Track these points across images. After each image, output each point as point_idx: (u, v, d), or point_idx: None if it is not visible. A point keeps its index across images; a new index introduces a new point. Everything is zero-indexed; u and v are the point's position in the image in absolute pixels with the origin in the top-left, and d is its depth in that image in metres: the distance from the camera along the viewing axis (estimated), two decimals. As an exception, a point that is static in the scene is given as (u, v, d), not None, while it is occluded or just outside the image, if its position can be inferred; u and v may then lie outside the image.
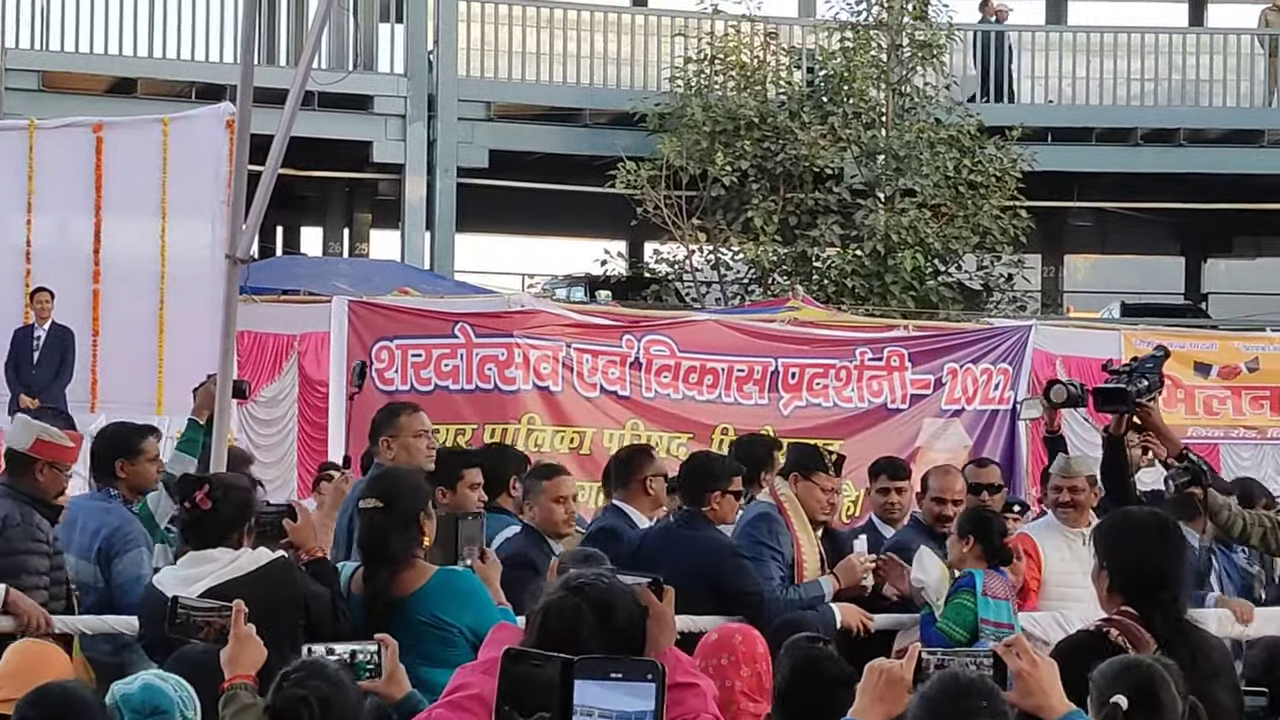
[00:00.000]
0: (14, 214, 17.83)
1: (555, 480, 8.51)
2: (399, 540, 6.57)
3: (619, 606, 4.40)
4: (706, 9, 27.90)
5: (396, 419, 8.60)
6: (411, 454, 8.45)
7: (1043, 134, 28.74)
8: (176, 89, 26.71)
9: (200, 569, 6.24)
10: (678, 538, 8.48)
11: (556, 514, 8.39)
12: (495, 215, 30.47)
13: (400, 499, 6.66)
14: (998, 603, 8.40)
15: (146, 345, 17.17)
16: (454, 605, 6.50)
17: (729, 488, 8.63)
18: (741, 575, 8.38)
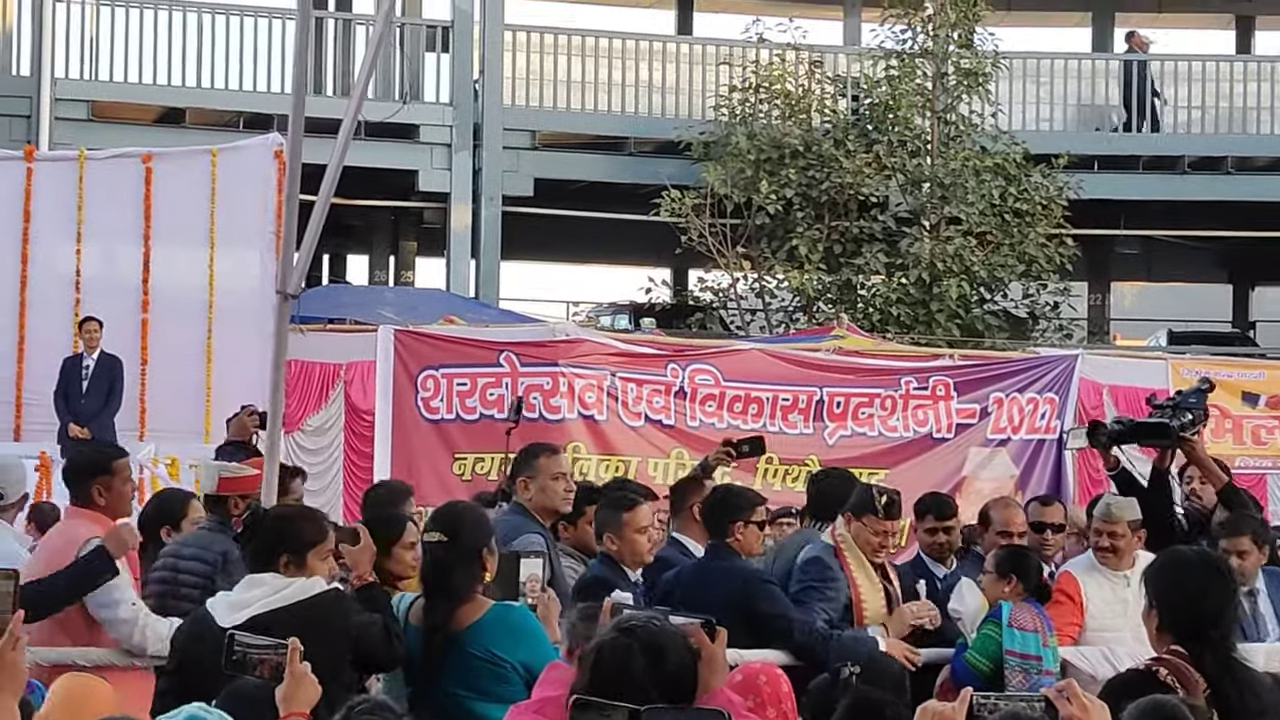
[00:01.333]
0: (64, 243, 17.95)
1: (635, 511, 8.50)
2: (461, 574, 6.56)
3: (670, 649, 4.40)
4: (751, 37, 27.93)
5: (535, 460, 8.54)
6: (548, 496, 8.45)
7: (1089, 162, 28.68)
8: (224, 119, 26.87)
9: (249, 594, 6.25)
10: (708, 571, 8.50)
11: (640, 545, 8.41)
12: (540, 243, 30.55)
13: (464, 533, 6.65)
14: (1024, 634, 8.32)
15: (194, 374, 17.26)
16: (509, 641, 6.49)
17: (751, 518, 8.60)
18: (769, 600, 8.37)
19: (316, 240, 6.96)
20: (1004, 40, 27.70)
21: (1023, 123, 28.73)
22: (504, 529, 8.21)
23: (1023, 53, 29.56)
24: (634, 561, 8.40)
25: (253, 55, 27.15)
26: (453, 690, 6.51)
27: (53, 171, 18.28)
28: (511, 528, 8.21)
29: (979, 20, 27.06)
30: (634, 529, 8.41)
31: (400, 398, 17.42)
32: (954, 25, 26.73)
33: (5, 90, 26.19)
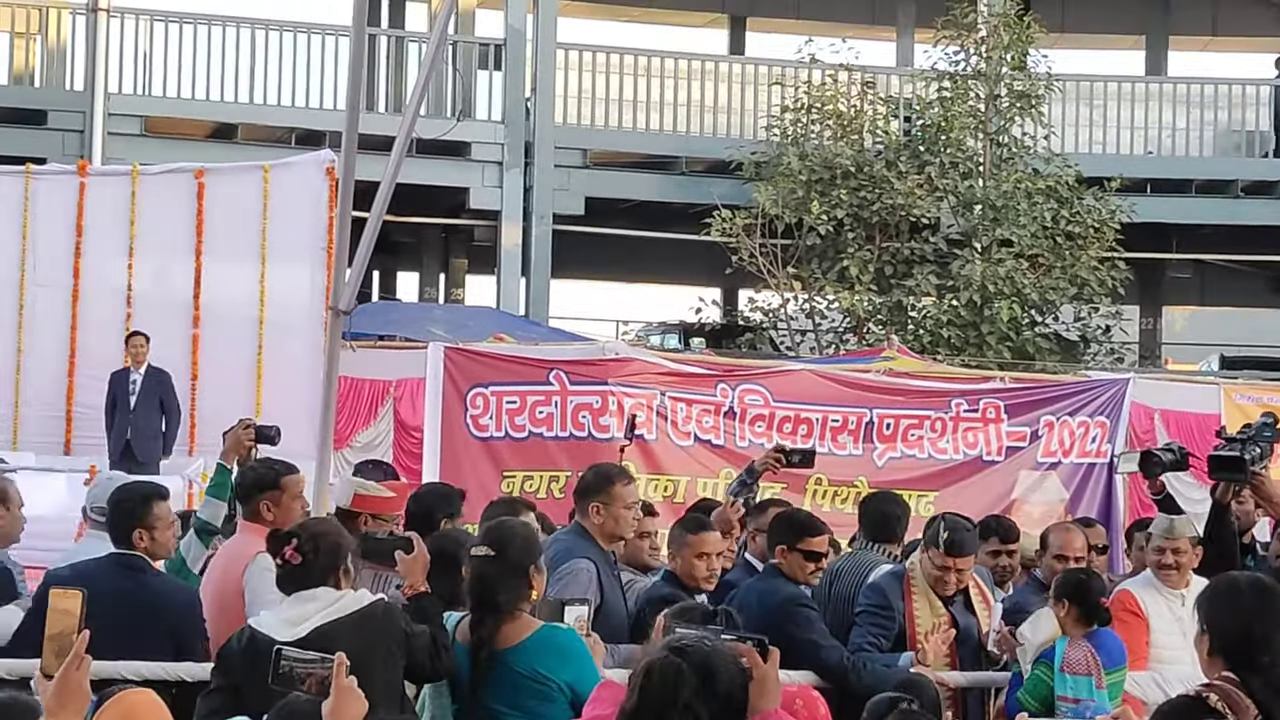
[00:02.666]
0: (116, 258, 18.02)
1: (700, 536, 8.51)
2: (507, 590, 6.53)
3: (721, 669, 4.37)
4: (804, 58, 27.90)
5: (611, 487, 8.42)
6: (619, 524, 8.40)
7: (1142, 185, 28.57)
8: (276, 135, 26.98)
9: (304, 609, 6.24)
10: (754, 591, 8.54)
11: (698, 570, 8.42)
12: (590, 262, 30.58)
13: (511, 549, 6.63)
14: (1076, 678, 8.20)
15: (245, 390, 17.28)
16: (554, 660, 6.47)
17: (796, 545, 8.56)
18: (799, 624, 8.34)
19: (369, 257, 6.95)
20: (1057, 62, 27.62)
21: (1075, 145, 28.64)
22: (556, 549, 8.23)
23: (1076, 75, 29.47)
24: (693, 584, 8.39)
25: (305, 71, 27.24)
26: (496, 707, 6.49)
27: (106, 186, 18.35)
28: (565, 549, 8.19)
29: (1032, 42, 26.99)
30: (694, 552, 8.41)
31: (449, 415, 17.43)
32: (1007, 47, 26.68)
33: (59, 105, 26.34)
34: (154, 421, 17.07)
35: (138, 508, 7.69)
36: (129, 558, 7.60)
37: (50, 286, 17.89)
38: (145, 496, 7.84)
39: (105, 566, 7.67)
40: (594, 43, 29.76)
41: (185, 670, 7.01)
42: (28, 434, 17.17)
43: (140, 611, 7.31)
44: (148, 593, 7.47)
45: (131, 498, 7.81)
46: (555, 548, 8.28)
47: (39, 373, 17.71)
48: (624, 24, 35.70)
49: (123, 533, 7.65)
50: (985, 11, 27.12)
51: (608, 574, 8.20)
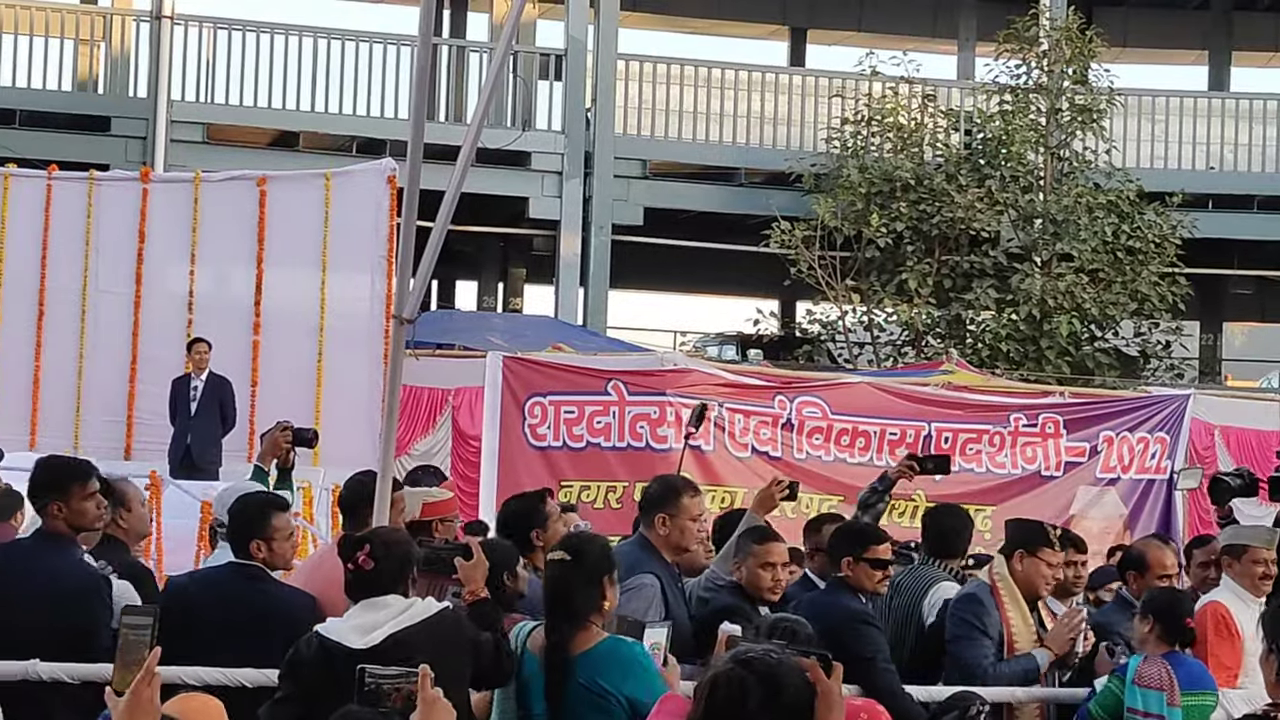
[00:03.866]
0: (177, 264, 18.09)
1: (766, 546, 8.41)
2: (582, 597, 6.53)
3: (787, 683, 4.35)
4: (865, 70, 27.85)
5: (680, 499, 8.31)
6: (685, 536, 8.29)
7: (1203, 201, 28.43)
8: (338, 143, 27.09)
9: (375, 616, 6.25)
10: (817, 604, 8.44)
11: (763, 580, 8.32)
12: (649, 272, 30.60)
13: (587, 557, 6.63)
14: (1147, 691, 8.13)
15: (304, 397, 17.29)
16: (617, 673, 6.44)
17: (864, 555, 8.46)
18: (859, 640, 8.18)
19: (433, 266, 6.96)
20: (1119, 77, 27.52)
21: (1137, 160, 28.51)
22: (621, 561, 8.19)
23: (1138, 89, 29.34)
24: (758, 595, 8.34)
25: (366, 80, 27.33)
26: (556, 717, 6.49)
27: (168, 193, 18.43)
28: (629, 563, 8.07)
29: (1094, 56, 26.92)
30: (759, 563, 8.34)
31: (507, 424, 17.48)
32: (1069, 61, 26.60)
33: (122, 111, 26.51)
34: (214, 428, 17.09)
35: (255, 519, 7.71)
36: (248, 567, 7.62)
37: (112, 292, 17.97)
38: (262, 507, 7.84)
39: (225, 575, 7.71)
40: (654, 53, 29.78)
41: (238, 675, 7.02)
42: (88, 439, 17.23)
43: (258, 620, 7.33)
44: (266, 601, 7.48)
45: (249, 509, 7.83)
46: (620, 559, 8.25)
47: (100, 378, 17.79)
48: (684, 35, 35.75)
49: (241, 543, 7.68)
50: (1047, 25, 27.05)
51: (672, 589, 8.14)
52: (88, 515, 7.72)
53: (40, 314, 17.89)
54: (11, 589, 7.47)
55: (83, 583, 7.53)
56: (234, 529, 7.74)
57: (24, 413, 17.40)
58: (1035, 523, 9.05)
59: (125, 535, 8.75)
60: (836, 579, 8.51)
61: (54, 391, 17.73)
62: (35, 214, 17.98)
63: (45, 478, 7.80)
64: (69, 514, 7.65)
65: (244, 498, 8.01)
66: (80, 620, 7.44)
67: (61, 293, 17.92)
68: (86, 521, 7.74)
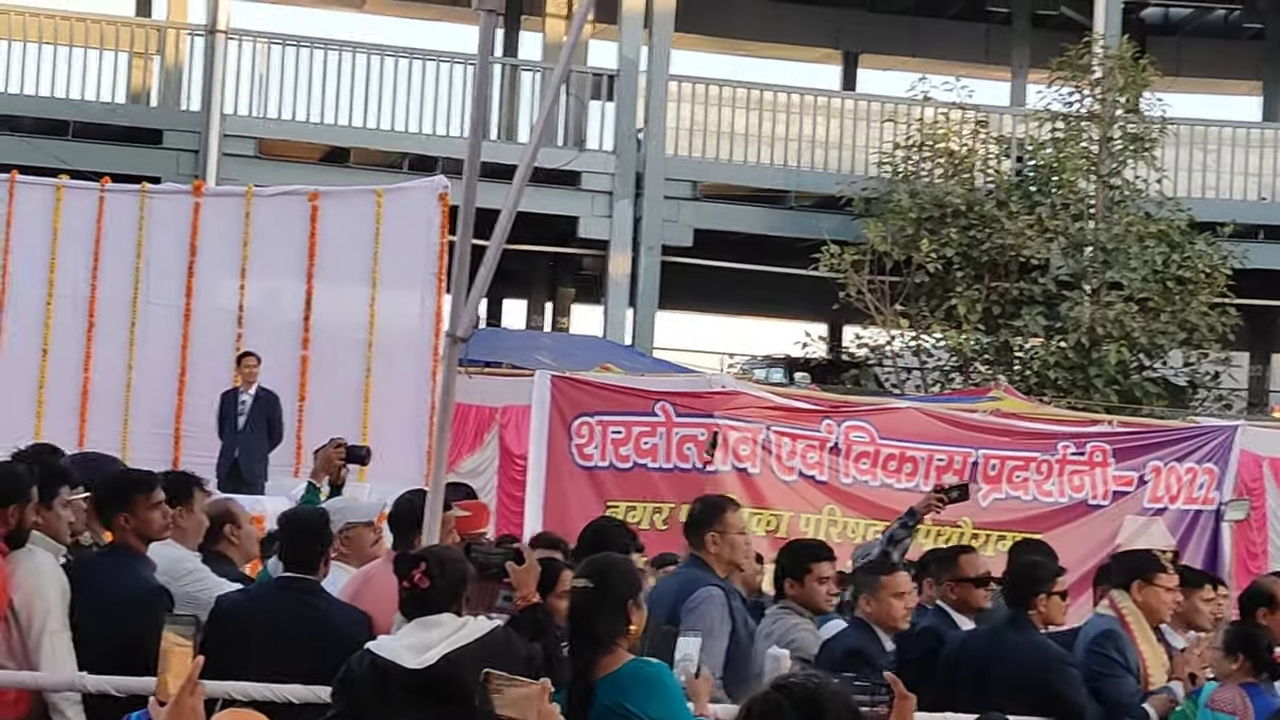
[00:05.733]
0: (228, 278, 18.12)
1: (894, 576, 8.56)
2: (605, 623, 6.50)
3: (829, 708, 4.32)
4: (917, 95, 27.82)
5: (724, 515, 8.43)
6: (735, 550, 8.40)
7: (1254, 231, 28.32)
8: (389, 159, 27.17)
9: (429, 635, 6.24)
10: (1005, 642, 8.42)
11: (896, 610, 8.44)
12: (697, 294, 30.58)
13: (611, 582, 6.61)
14: (1219, 715, 8.11)
15: (352, 413, 17.29)
16: (641, 695, 6.37)
17: (1054, 589, 8.50)
18: (1069, 683, 8.28)
19: (488, 285, 6.97)
20: (1171, 105, 27.43)
21: (1188, 190, 28.41)
22: (682, 581, 8.25)
23: (1190, 119, 29.24)
24: (891, 625, 8.42)
25: (419, 97, 27.41)
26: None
27: (220, 206, 18.46)
28: (691, 579, 8.19)
29: (1147, 85, 26.84)
30: (891, 593, 8.43)
31: (554, 443, 17.47)
32: (1121, 89, 26.54)
33: (175, 124, 26.64)
34: (262, 443, 17.10)
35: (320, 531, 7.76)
36: (301, 581, 7.63)
37: (163, 305, 18.00)
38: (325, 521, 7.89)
39: (278, 590, 7.72)
40: (706, 75, 29.78)
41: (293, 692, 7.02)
42: (136, 451, 17.22)
43: (311, 635, 7.32)
44: (319, 617, 7.48)
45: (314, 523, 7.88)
46: (676, 582, 8.31)
47: (149, 390, 17.81)
48: (737, 57, 35.75)
49: (300, 556, 7.70)
50: (1101, 53, 26.98)
51: (735, 601, 8.22)
52: (154, 525, 7.72)
53: (90, 325, 17.93)
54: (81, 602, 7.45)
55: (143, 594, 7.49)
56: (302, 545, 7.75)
57: (73, 424, 17.41)
58: (1144, 552, 9.10)
59: (235, 553, 8.74)
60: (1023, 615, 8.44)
61: (102, 403, 17.76)
62: (87, 226, 18.03)
63: (108, 490, 7.80)
64: (137, 524, 7.65)
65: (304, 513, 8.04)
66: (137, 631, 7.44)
67: (112, 304, 17.95)
68: (154, 531, 7.73)
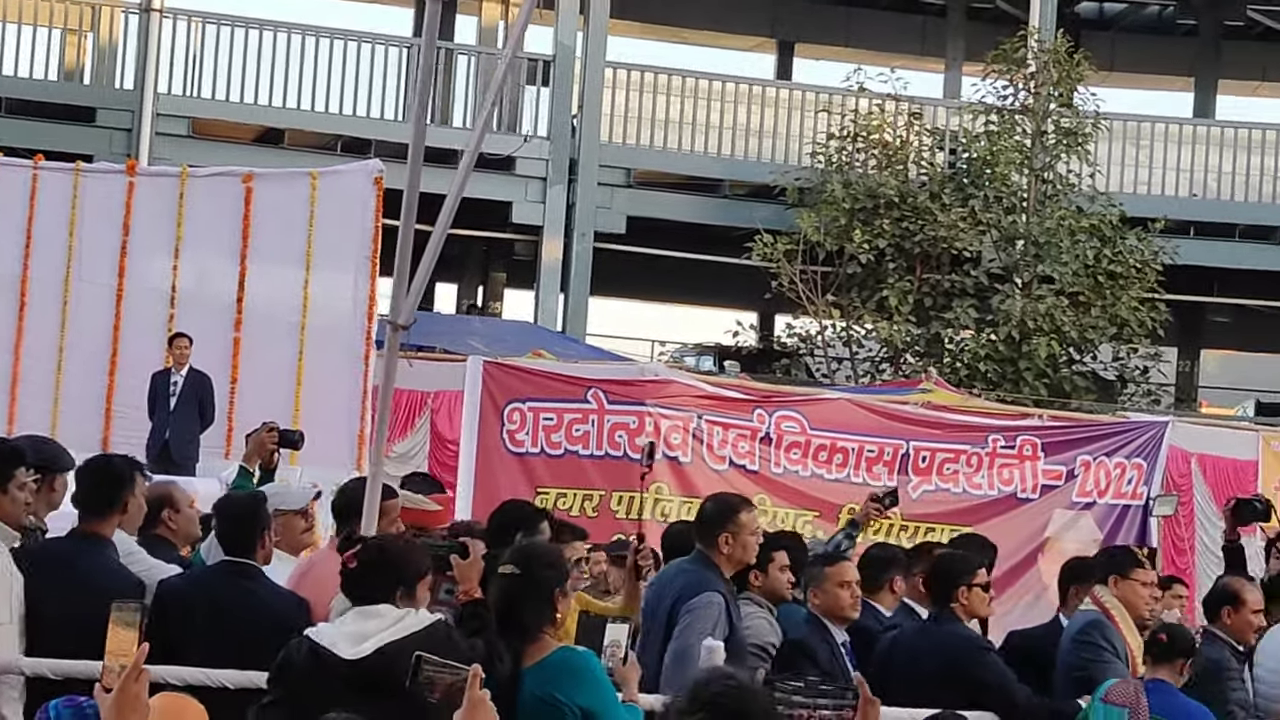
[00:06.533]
0: (161, 258, 18.00)
1: (839, 566, 8.61)
2: (531, 611, 6.51)
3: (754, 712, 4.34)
4: (852, 86, 27.88)
5: (737, 515, 8.40)
6: (747, 551, 8.40)
7: (1185, 227, 28.52)
8: (322, 141, 27.06)
9: (366, 625, 6.20)
10: (930, 636, 8.55)
11: (843, 599, 8.48)
12: (629, 281, 30.58)
13: (536, 570, 6.62)
14: (1109, 708, 8.13)
15: (283, 395, 17.21)
16: (569, 683, 6.41)
17: (974, 582, 8.61)
18: (990, 669, 8.41)
19: (430, 272, 6.95)
20: (1105, 101, 27.58)
21: (1120, 185, 28.59)
22: (685, 580, 8.26)
23: (1123, 114, 29.42)
24: (839, 615, 8.45)
25: (353, 80, 27.31)
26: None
27: (154, 186, 18.33)
28: (695, 581, 8.20)
29: (1081, 79, 26.97)
30: (836, 583, 8.48)
31: (486, 429, 17.41)
32: (1056, 83, 26.66)
33: (108, 103, 26.46)
34: (192, 424, 17.03)
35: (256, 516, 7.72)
36: (241, 565, 7.60)
37: (95, 284, 17.87)
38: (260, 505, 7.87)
39: (217, 574, 7.69)
40: (642, 62, 29.79)
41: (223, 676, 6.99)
42: (66, 431, 17.07)
43: (249, 620, 7.29)
44: (257, 602, 7.45)
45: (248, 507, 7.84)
46: (682, 579, 8.31)
47: (80, 370, 17.67)
48: (673, 45, 35.73)
49: (236, 541, 7.65)
50: (1035, 47, 27.10)
51: (734, 606, 8.27)
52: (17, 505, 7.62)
53: (22, 304, 17.79)
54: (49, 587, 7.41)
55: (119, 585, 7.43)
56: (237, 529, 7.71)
57: (2, 404, 17.31)
58: (1122, 548, 9.16)
59: (174, 536, 8.68)
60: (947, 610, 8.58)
61: (33, 382, 17.62)
62: (20, 203, 17.89)
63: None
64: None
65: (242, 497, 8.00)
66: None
67: (44, 283, 17.81)
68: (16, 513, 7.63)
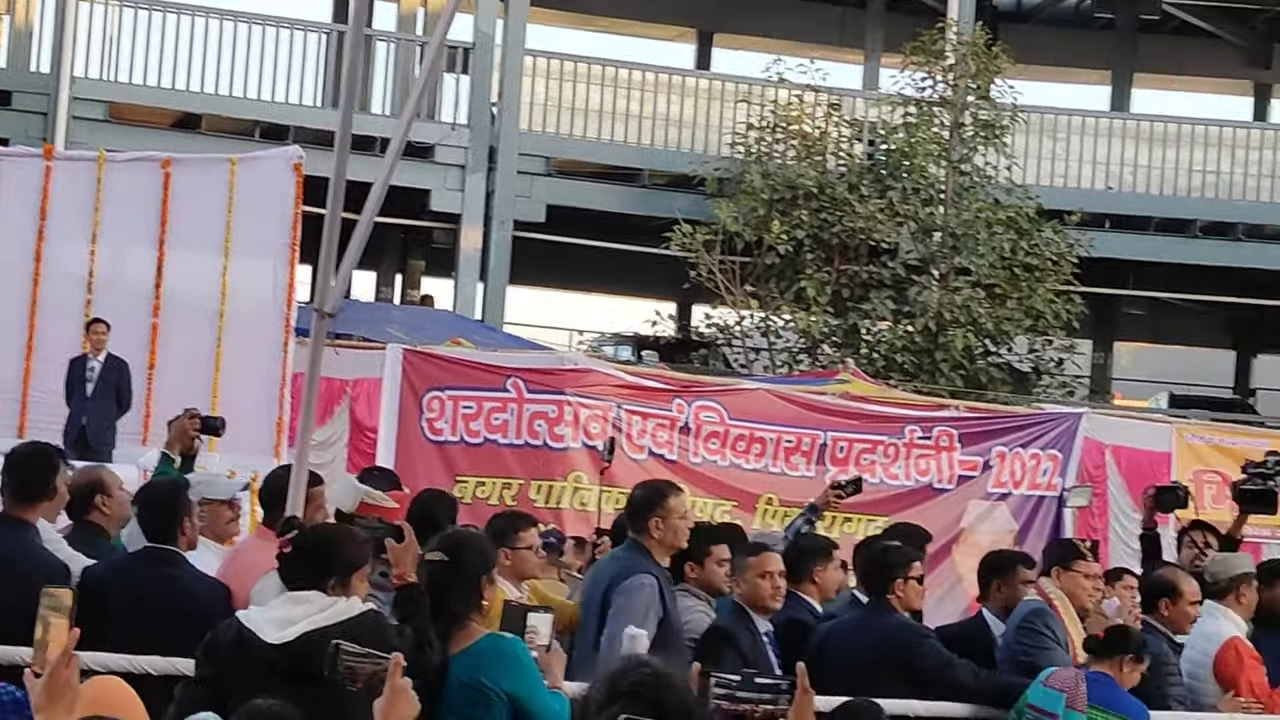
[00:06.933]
0: (78, 243, 17.87)
1: (761, 556, 8.62)
2: (459, 597, 6.55)
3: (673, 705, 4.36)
4: (771, 76, 27.94)
5: (666, 500, 8.46)
6: (678, 535, 8.45)
7: (1100, 220, 28.74)
8: (241, 127, 26.90)
9: (293, 611, 6.19)
10: (867, 626, 8.62)
11: (764, 590, 8.50)
12: (548, 270, 30.56)
13: (464, 557, 6.64)
14: (1049, 690, 8.19)
15: (201, 382, 17.14)
16: (495, 669, 6.45)
17: (909, 574, 8.71)
18: (931, 654, 8.50)
19: (357, 260, 6.95)
20: (1023, 93, 27.75)
21: (1037, 177, 28.79)
22: (617, 567, 8.33)
23: (1041, 107, 29.63)
24: (761, 605, 8.50)
25: (272, 66, 27.17)
26: (438, 715, 6.46)
27: (72, 171, 18.19)
28: (626, 565, 8.27)
29: (999, 72, 27.13)
30: (757, 573, 8.52)
31: (405, 417, 17.39)
32: (974, 76, 26.80)
33: (24, 86, 26.23)
34: (110, 410, 16.95)
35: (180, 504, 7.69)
36: (162, 551, 7.57)
37: (11, 269, 17.74)
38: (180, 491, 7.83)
39: (139, 561, 7.66)
40: (562, 51, 29.78)
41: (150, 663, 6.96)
42: (-19, 416, 17.06)
43: (170, 607, 7.28)
44: (178, 588, 7.44)
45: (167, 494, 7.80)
46: (614, 565, 8.39)
47: (-4, 355, 17.59)
48: (592, 33, 35.74)
49: (157, 527, 7.61)
50: (954, 39, 27.23)
51: (668, 590, 8.30)
52: None
53: (-63, 289, 17.67)
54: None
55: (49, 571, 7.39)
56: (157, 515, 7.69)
57: (-81, 389, 17.19)
58: (1066, 540, 9.27)
59: (107, 521, 8.57)
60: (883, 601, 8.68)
61: (-52, 368, 17.51)
62: (-65, 187, 17.76)
63: None
64: None
65: (162, 484, 7.97)
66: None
67: (-41, 268, 17.70)
68: None
